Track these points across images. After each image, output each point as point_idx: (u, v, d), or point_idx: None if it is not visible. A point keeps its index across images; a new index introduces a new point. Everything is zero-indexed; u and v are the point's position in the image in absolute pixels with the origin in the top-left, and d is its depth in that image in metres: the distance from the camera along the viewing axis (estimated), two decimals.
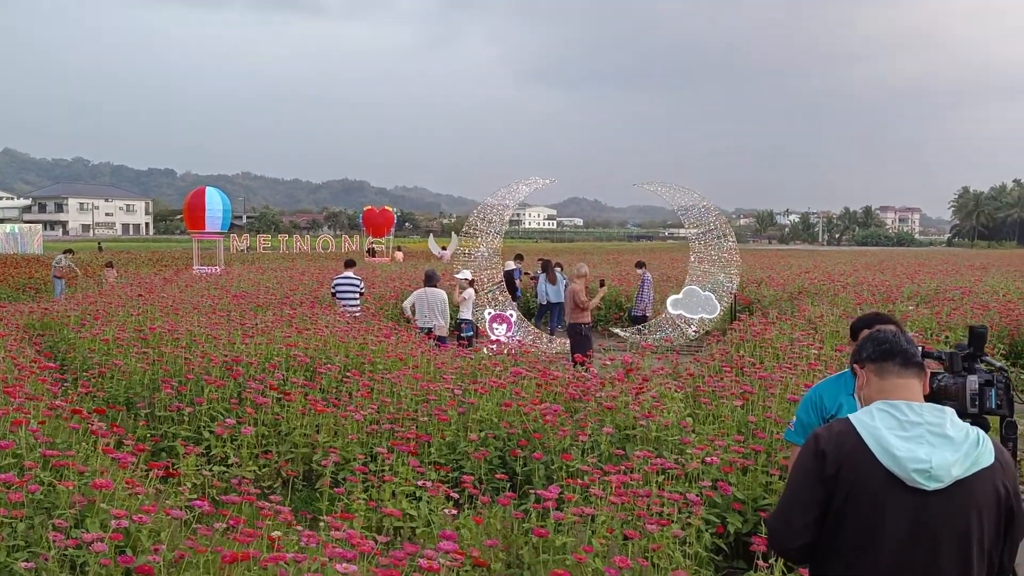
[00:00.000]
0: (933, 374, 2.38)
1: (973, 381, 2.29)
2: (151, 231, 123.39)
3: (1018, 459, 2.28)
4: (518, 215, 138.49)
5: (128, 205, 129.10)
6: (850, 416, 2.18)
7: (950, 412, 2.11)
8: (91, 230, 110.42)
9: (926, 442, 2.04)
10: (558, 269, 16.13)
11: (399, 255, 39.77)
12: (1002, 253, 64.87)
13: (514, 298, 15.76)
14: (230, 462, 5.59)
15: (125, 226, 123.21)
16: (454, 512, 4.43)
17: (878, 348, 2.19)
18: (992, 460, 2.05)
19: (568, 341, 11.38)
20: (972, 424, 2.35)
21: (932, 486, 2.02)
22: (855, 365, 2.28)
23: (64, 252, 21.48)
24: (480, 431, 5.94)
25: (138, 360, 7.26)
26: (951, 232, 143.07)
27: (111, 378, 7.03)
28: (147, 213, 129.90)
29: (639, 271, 16.10)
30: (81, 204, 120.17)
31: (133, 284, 17.24)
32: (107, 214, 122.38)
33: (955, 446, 2.03)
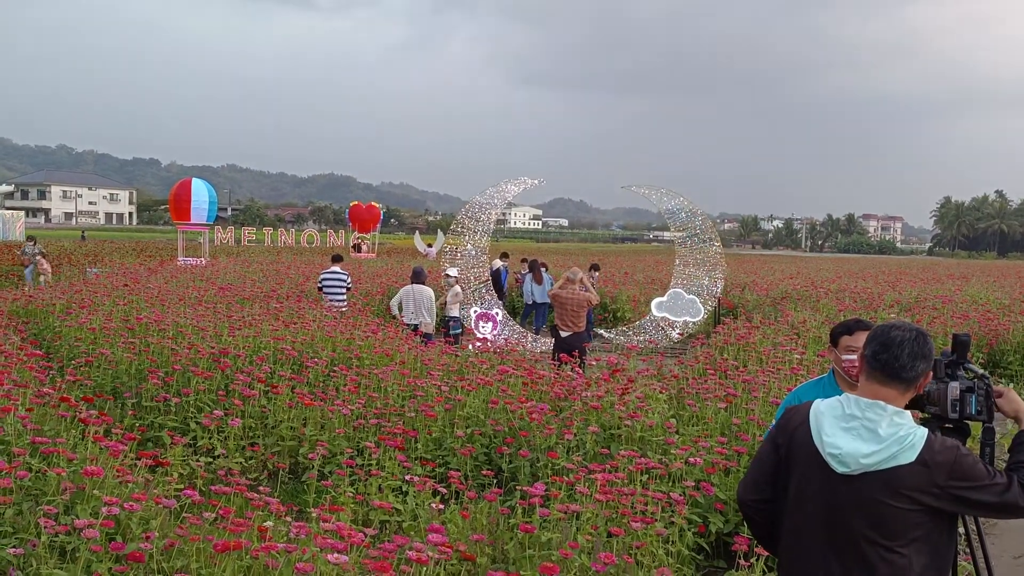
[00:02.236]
0: None
1: (954, 388, 2.35)
2: (135, 221, 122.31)
3: (996, 464, 2.35)
4: (504, 214, 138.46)
5: (112, 194, 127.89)
6: (816, 400, 2.42)
7: (892, 414, 2.23)
8: (74, 218, 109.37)
9: (855, 434, 2.23)
10: (543, 269, 16.19)
11: (364, 247, 39.90)
12: (982, 263, 65.67)
13: (500, 297, 15.80)
14: (217, 453, 5.61)
15: (108, 215, 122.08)
16: (440, 507, 4.48)
17: (876, 357, 2.29)
18: (912, 459, 2.17)
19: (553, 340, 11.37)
20: (953, 429, 2.43)
21: (840, 470, 2.23)
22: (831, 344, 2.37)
23: (28, 240, 21.64)
24: (467, 428, 5.99)
25: (125, 350, 7.24)
26: (932, 241, 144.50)
27: (98, 367, 7.01)
28: (131, 203, 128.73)
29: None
30: (64, 192, 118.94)
31: (118, 274, 17.12)
32: (90, 203, 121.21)
33: (877, 441, 2.20)
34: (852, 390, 2.41)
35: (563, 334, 10.15)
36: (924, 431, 2.23)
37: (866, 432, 2.23)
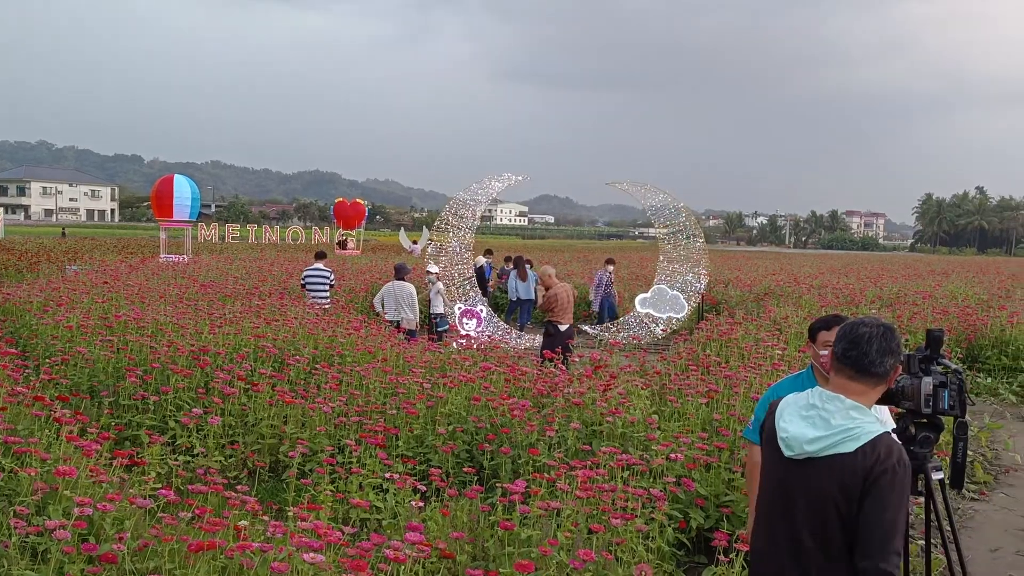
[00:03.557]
0: None
1: (928, 383, 2.36)
2: (117, 217, 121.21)
3: (971, 459, 2.36)
4: (490, 211, 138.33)
5: (93, 191, 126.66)
6: (792, 393, 2.51)
7: (849, 407, 2.28)
8: (55, 215, 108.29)
9: (809, 422, 2.32)
10: (528, 266, 16.18)
11: (350, 244, 39.93)
12: (962, 259, 66.26)
13: (484, 293, 15.78)
14: (196, 452, 5.56)
15: (90, 212, 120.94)
16: (420, 504, 4.46)
17: (845, 353, 2.33)
18: (853, 449, 2.23)
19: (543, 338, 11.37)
20: (927, 424, 2.44)
21: (787, 453, 2.36)
22: (809, 340, 2.39)
23: None
24: (448, 425, 5.97)
25: (102, 348, 7.16)
26: (914, 238, 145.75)
27: (74, 366, 6.93)
28: (113, 199, 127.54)
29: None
30: (44, 188, 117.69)
31: (98, 271, 16.95)
32: (71, 199, 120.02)
33: (825, 430, 2.28)
34: (829, 385, 2.43)
35: (563, 327, 10.34)
36: (880, 431, 2.24)
37: (820, 421, 2.30)
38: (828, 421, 2.27)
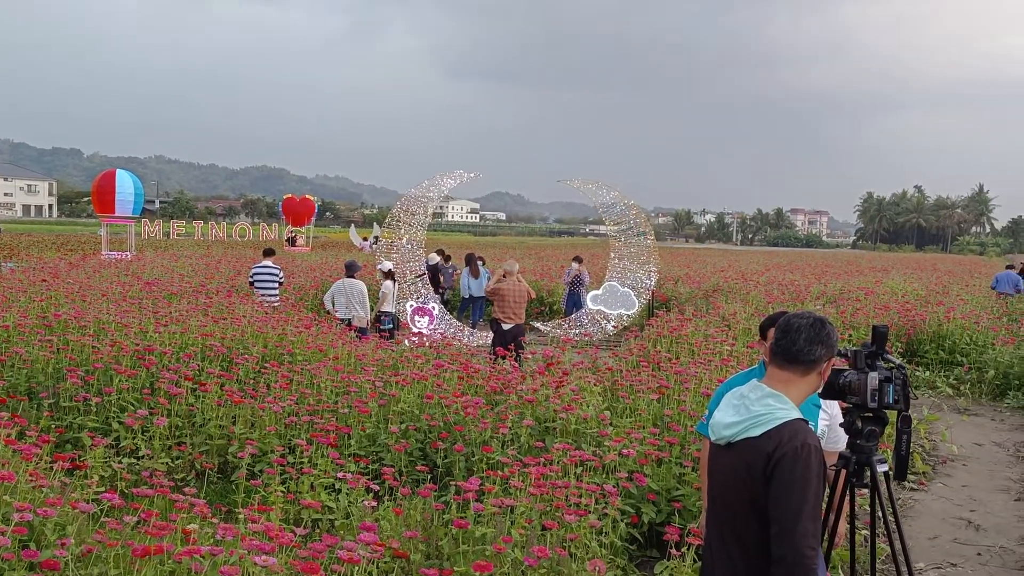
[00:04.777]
0: (838, 371, 2.52)
1: (874, 378, 2.42)
2: (55, 213, 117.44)
3: (911, 451, 2.43)
4: (441, 208, 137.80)
5: (30, 185, 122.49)
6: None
7: (767, 395, 2.37)
8: None
9: (733, 410, 2.42)
10: (480, 263, 16.17)
11: (299, 240, 39.57)
12: (901, 256, 68.26)
13: (437, 291, 15.72)
14: (141, 454, 5.42)
15: (26, 207, 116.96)
16: (374, 504, 4.42)
17: (777, 342, 2.44)
18: (759, 433, 2.32)
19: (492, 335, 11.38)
20: (873, 418, 2.50)
21: (712, 439, 2.49)
22: (760, 337, 2.76)
23: None
24: (401, 423, 5.93)
25: (41, 348, 6.93)
26: (856, 235, 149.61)
27: (11, 366, 6.69)
28: (50, 194, 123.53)
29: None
30: None
31: (35, 269, 16.41)
32: (5, 194, 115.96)
33: (741, 416, 2.38)
34: (765, 375, 2.52)
35: (505, 326, 10.29)
36: (790, 417, 2.30)
37: (743, 409, 2.39)
38: (747, 408, 2.38)
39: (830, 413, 3.47)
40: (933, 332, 12.45)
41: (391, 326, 11.86)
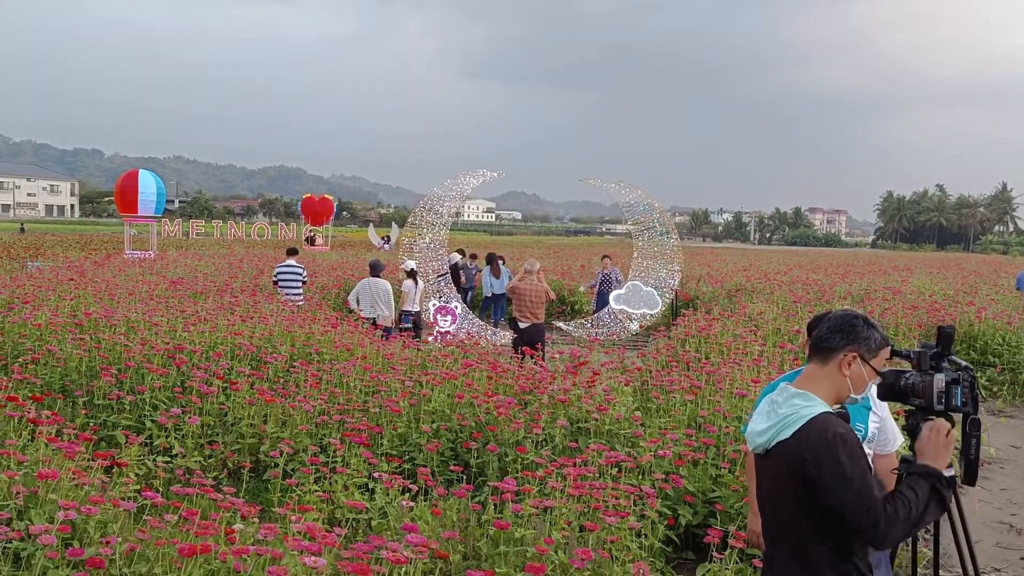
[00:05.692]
0: (900, 372, 2.45)
1: (940, 379, 2.35)
2: (77, 213, 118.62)
3: (980, 456, 2.36)
4: (457, 207, 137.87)
5: (52, 186, 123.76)
6: None
7: (792, 395, 2.32)
8: (12, 211, 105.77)
9: (765, 418, 2.37)
10: (501, 262, 16.15)
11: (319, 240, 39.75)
12: (923, 255, 67.52)
13: (459, 290, 15.71)
14: (175, 452, 5.43)
15: (49, 207, 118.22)
16: (411, 504, 4.39)
17: (808, 333, 2.52)
18: (790, 434, 2.26)
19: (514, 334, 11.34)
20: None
21: (751, 448, 2.42)
22: (807, 337, 2.70)
23: None
24: (432, 423, 5.90)
25: (74, 346, 6.97)
26: (875, 234, 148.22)
27: (45, 364, 6.73)
28: (72, 194, 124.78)
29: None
30: (1, 183, 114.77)
31: (62, 268, 16.55)
32: (29, 194, 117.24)
33: (771, 421, 2.33)
34: None
35: (522, 325, 10.26)
36: (817, 412, 2.26)
37: (772, 414, 2.34)
38: (777, 413, 2.33)
39: (880, 415, 3.40)
40: (964, 332, 12.27)
41: (410, 325, 11.86)
